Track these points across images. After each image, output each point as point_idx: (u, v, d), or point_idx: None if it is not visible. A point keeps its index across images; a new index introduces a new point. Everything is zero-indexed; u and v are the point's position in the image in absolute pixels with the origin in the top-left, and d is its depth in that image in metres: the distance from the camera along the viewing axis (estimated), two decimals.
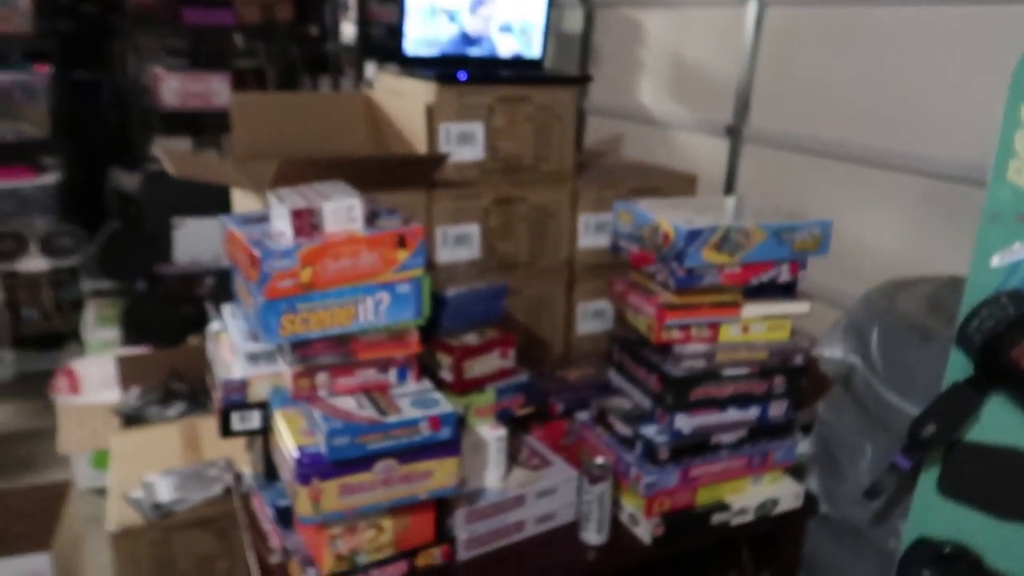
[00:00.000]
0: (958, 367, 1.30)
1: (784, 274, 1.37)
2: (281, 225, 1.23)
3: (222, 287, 2.77)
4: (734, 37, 2.42)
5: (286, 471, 1.20)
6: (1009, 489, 1.28)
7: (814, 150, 2.26)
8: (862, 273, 1.54)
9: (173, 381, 2.19)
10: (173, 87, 3.56)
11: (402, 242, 1.23)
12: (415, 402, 1.20)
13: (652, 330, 1.38)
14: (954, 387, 1.28)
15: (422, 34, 1.71)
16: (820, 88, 2.22)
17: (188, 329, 2.86)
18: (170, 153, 1.54)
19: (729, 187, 2.56)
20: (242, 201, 1.68)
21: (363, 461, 1.14)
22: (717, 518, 1.47)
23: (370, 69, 3.03)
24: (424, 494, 1.20)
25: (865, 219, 2.17)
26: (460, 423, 1.25)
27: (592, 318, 1.82)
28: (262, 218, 1.30)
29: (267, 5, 3.69)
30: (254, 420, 1.33)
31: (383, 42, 3.11)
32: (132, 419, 2.07)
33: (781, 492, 1.52)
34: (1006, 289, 1.28)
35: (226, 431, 1.32)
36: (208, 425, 2.01)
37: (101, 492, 1.92)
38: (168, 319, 2.90)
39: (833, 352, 1.59)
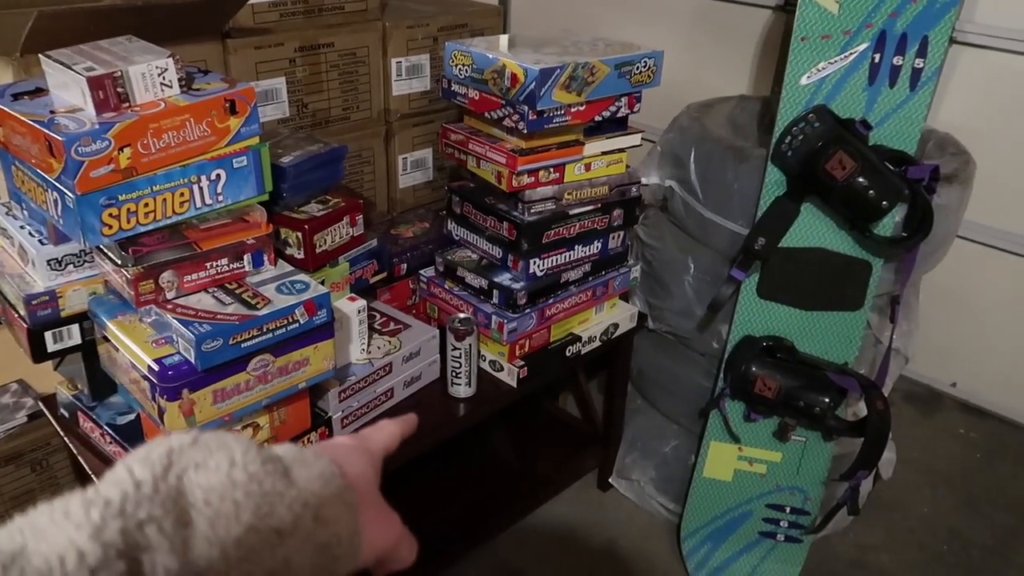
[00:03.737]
0: (774, 182, 1.44)
1: (623, 108, 1.39)
2: (72, 98, 0.98)
3: None
4: None
5: (138, 388, 1.04)
6: (814, 283, 1.48)
7: None
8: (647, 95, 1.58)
9: None
10: None
11: (232, 108, 1.05)
12: (281, 287, 1.08)
13: (503, 178, 1.35)
14: (776, 201, 1.41)
15: None
16: None
17: None
18: None
19: (504, 14, 2.50)
20: None
21: (236, 362, 1.02)
22: (571, 350, 1.54)
23: None
24: (303, 383, 1.12)
25: (642, 41, 2.24)
26: None
27: (412, 169, 1.73)
28: (36, 91, 1.03)
29: None
30: (73, 336, 1.13)
31: None
32: None
33: (620, 316, 1.63)
34: (813, 106, 1.40)
35: (40, 354, 1.11)
36: None
37: None
38: None
39: (650, 178, 1.68)
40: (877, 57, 1.37)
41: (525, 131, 1.28)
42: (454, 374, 1.40)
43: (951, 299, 1.86)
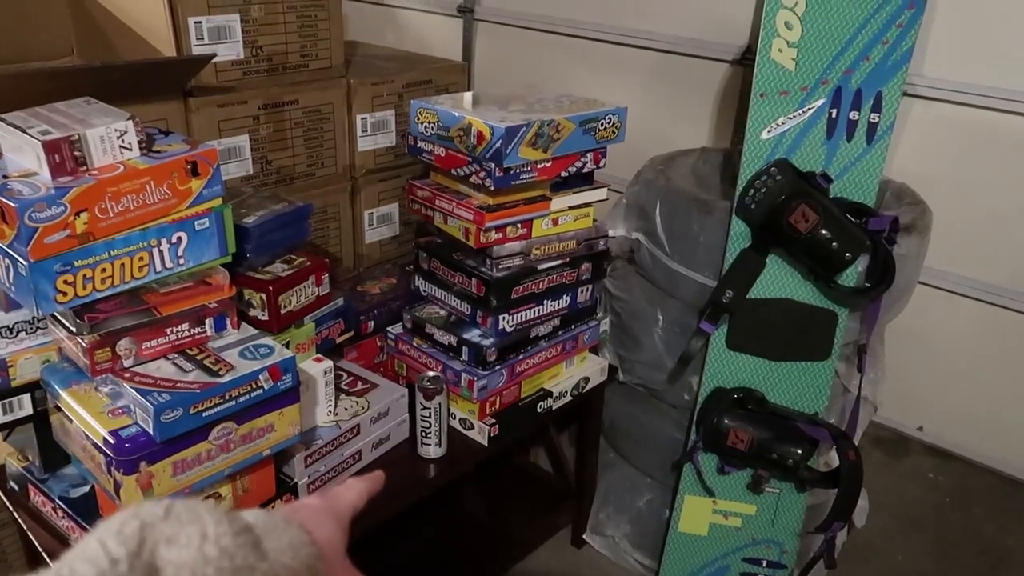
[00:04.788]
0: (739, 235, 1.45)
1: (589, 164, 1.39)
2: (27, 161, 0.96)
3: None
4: None
5: (93, 460, 1.00)
6: (782, 334, 1.49)
7: (547, 28, 2.29)
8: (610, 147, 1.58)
9: None
10: None
11: (194, 169, 1.03)
12: (244, 352, 1.05)
13: (470, 235, 1.34)
14: (742, 254, 1.42)
15: None
16: None
17: None
18: None
19: (468, 70, 2.52)
20: None
21: (197, 432, 0.98)
22: (542, 406, 1.52)
23: None
24: (268, 450, 1.08)
25: (604, 94, 2.27)
26: None
27: (378, 224, 1.72)
28: None
29: None
30: (24, 407, 1.08)
31: None
32: None
33: (590, 370, 1.62)
34: (774, 159, 1.43)
35: None
36: None
37: None
38: None
39: (617, 231, 1.69)
40: (834, 112, 1.41)
41: (492, 188, 1.28)
42: (424, 434, 1.37)
43: (915, 343, 1.89)
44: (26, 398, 1.08)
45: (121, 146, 0.99)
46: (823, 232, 1.34)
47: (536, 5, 2.30)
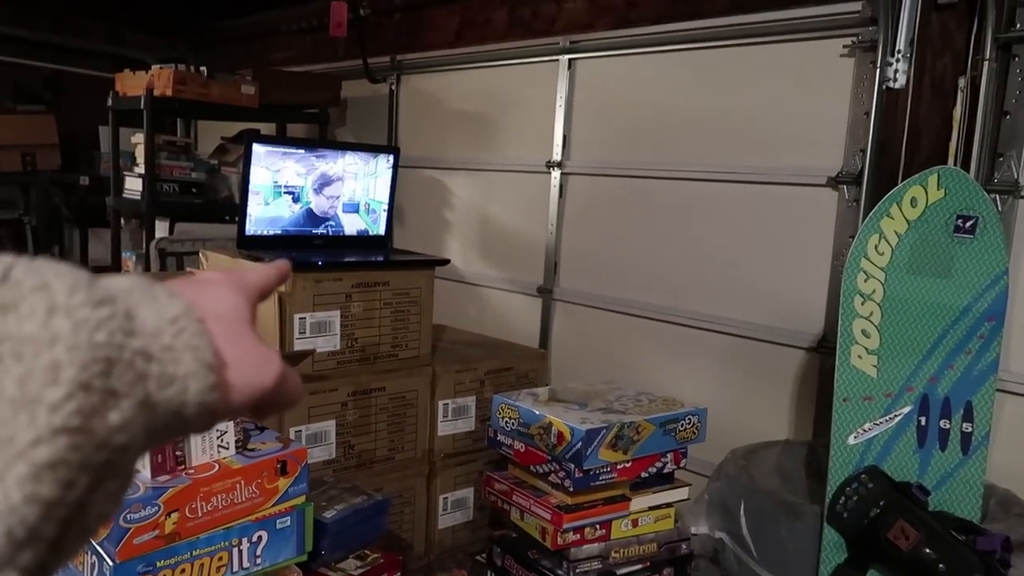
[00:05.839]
0: (832, 544, 1.36)
1: (669, 464, 1.38)
2: None
3: None
4: (539, 203, 2.54)
5: None
6: None
7: (621, 310, 2.39)
8: None
9: None
10: None
11: (283, 468, 1.06)
12: None
13: (548, 535, 1.30)
14: (839, 570, 1.33)
15: (264, 214, 1.58)
16: (622, 254, 2.37)
17: None
18: None
19: (544, 342, 2.61)
20: None
21: None
22: None
23: (161, 228, 2.77)
24: None
25: (678, 374, 2.29)
26: None
27: (452, 509, 1.70)
28: None
29: (28, 152, 3.29)
30: None
31: (174, 198, 2.86)
32: None
33: None
34: (864, 466, 1.38)
35: None
36: None
37: None
38: None
39: (699, 528, 1.61)
40: (923, 420, 1.38)
41: (571, 489, 1.27)
42: None
43: None
44: None
45: (219, 445, 1.03)
46: (927, 551, 1.25)
47: (610, 288, 2.42)
